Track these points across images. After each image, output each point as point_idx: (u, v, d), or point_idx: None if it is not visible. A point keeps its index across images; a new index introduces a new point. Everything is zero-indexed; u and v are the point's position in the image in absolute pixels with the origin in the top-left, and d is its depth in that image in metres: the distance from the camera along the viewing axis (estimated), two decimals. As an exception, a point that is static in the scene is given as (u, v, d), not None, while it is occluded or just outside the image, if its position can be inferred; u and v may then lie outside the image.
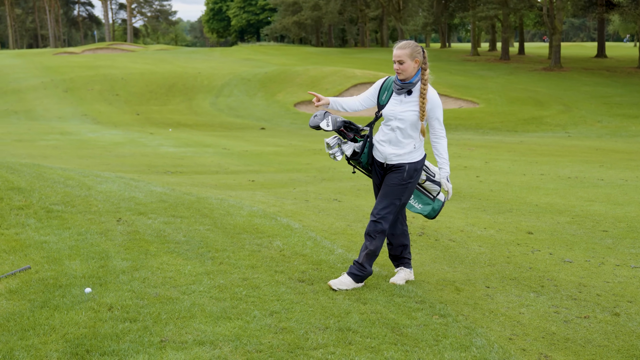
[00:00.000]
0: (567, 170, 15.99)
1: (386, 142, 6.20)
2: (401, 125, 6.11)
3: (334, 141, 6.44)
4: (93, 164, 16.30)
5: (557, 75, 54.66)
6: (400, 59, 6.04)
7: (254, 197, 10.73)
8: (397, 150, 6.14)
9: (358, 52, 76.82)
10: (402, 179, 6.13)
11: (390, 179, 6.17)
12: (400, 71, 6.06)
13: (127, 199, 9.16)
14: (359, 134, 6.52)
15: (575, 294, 6.21)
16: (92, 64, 55.33)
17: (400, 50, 6.06)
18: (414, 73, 6.08)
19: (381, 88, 6.33)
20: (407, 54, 6.04)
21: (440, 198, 6.55)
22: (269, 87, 45.34)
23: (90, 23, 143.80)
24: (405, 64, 6.03)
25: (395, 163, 6.17)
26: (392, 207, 6.15)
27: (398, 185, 6.13)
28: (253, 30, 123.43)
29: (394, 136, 6.14)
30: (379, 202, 6.20)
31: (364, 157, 6.40)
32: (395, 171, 6.15)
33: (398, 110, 6.12)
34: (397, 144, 6.14)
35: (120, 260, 6.50)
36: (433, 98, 6.10)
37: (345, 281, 6.09)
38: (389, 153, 6.18)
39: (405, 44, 6.10)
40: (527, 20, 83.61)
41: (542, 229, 9.10)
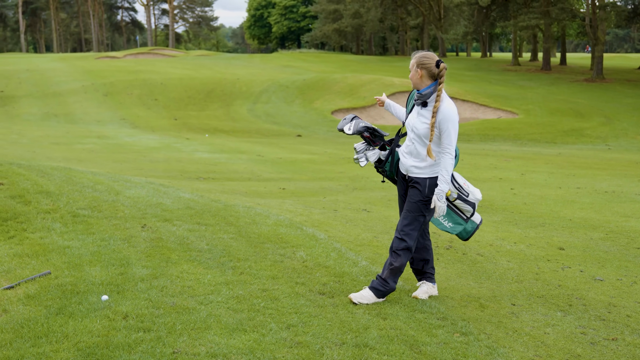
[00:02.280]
0: (605, 184, 15.67)
1: (408, 153, 6.11)
2: (416, 138, 6.00)
3: (361, 147, 6.40)
4: (126, 168, 16.35)
5: (599, 87, 53.94)
6: (410, 68, 6.00)
7: (283, 205, 10.64)
8: (417, 163, 6.03)
9: (398, 61, 76.56)
10: (424, 195, 5.98)
11: (411, 194, 6.05)
12: (410, 80, 6.00)
13: (154, 205, 9.12)
14: (386, 142, 6.44)
15: (604, 315, 6.02)
16: (133, 69, 55.75)
17: (412, 59, 6.03)
18: (421, 83, 5.95)
19: (409, 97, 6.30)
20: (413, 63, 5.98)
21: (476, 220, 6.35)
22: (306, 94, 45.31)
23: (133, 28, 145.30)
24: (411, 73, 6.00)
25: (415, 176, 6.04)
26: (415, 224, 6.02)
27: (420, 201, 5.99)
28: (294, 37, 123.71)
29: (413, 148, 6.05)
30: (403, 218, 6.08)
31: (387, 166, 6.33)
32: (416, 186, 6.02)
33: (414, 122, 6.04)
34: (417, 156, 6.02)
35: (140, 267, 6.45)
36: (445, 111, 5.85)
37: (366, 295, 5.97)
38: (409, 165, 6.07)
39: (414, 53, 6.04)
40: (569, 30, 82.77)
41: (574, 244, 8.88)
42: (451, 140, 5.87)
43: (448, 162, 5.87)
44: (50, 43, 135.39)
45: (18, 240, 7.29)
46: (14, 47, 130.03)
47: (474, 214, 6.31)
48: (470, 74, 59.28)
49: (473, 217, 6.34)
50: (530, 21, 63.01)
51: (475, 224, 6.36)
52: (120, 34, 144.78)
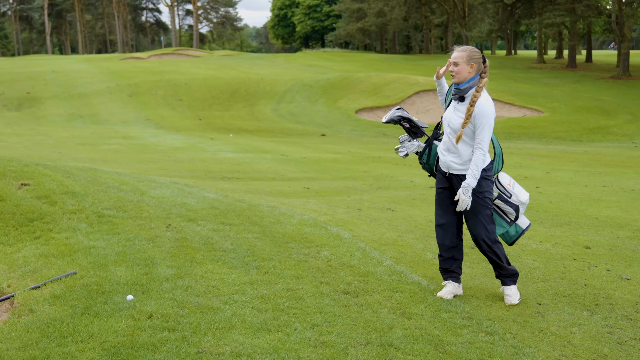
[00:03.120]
0: (632, 182, 15.53)
1: (445, 150, 6.11)
2: (452, 133, 6.00)
3: (404, 138, 6.45)
4: (151, 168, 16.43)
5: (625, 84, 53.45)
6: (455, 61, 5.95)
7: (307, 205, 10.64)
8: (456, 159, 6.02)
9: (422, 59, 76.33)
10: (475, 191, 6.00)
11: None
12: (454, 74, 5.95)
13: (179, 205, 9.15)
14: (422, 134, 6.48)
15: (631, 314, 5.95)
16: (157, 69, 56.02)
17: (458, 52, 5.97)
18: (467, 78, 5.93)
19: (448, 90, 6.31)
20: (464, 57, 5.93)
21: (522, 225, 6.32)
22: (330, 93, 45.30)
23: (157, 29, 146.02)
24: (459, 67, 5.92)
25: (458, 173, 6.04)
26: (486, 218, 6.09)
27: (475, 199, 6.02)
28: (318, 36, 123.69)
29: (451, 144, 6.03)
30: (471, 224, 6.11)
31: (425, 158, 6.38)
32: (459, 183, 6.04)
33: (450, 117, 6.04)
34: (456, 152, 6.02)
35: (165, 267, 6.47)
36: (482, 105, 5.86)
37: (513, 292, 6.19)
38: (449, 161, 6.07)
39: (465, 47, 6.01)
40: (595, 27, 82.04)
41: (601, 243, 8.80)
42: (484, 136, 5.86)
43: (479, 158, 5.87)
44: (75, 44, 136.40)
45: (44, 240, 7.35)
46: (40, 49, 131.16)
47: (518, 217, 6.25)
48: (494, 72, 58.91)
49: (518, 221, 6.30)
50: (555, 18, 62.51)
51: (521, 228, 6.32)
52: (144, 35, 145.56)
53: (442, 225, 6.20)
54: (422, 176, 16.22)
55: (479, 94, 5.88)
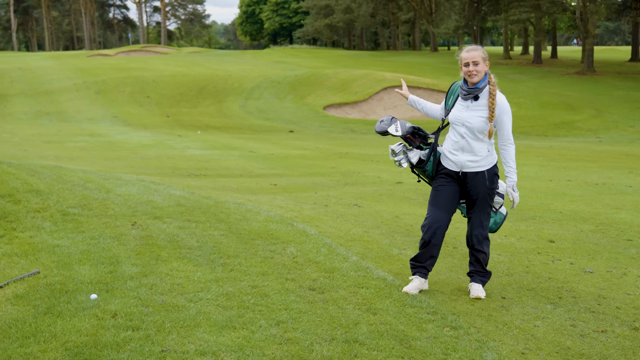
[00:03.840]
0: (596, 176, 15.71)
1: (458, 150, 6.11)
2: (469, 133, 6.04)
3: (400, 148, 6.36)
4: (118, 166, 16.32)
5: (589, 80, 54.03)
6: (475, 60, 5.98)
7: (274, 201, 10.63)
8: (473, 157, 6.08)
9: (390, 55, 76.54)
10: (487, 187, 6.12)
11: (475, 190, 6.14)
12: (476, 73, 5.98)
13: (145, 203, 9.10)
14: (425, 141, 6.44)
15: (593, 307, 6.02)
16: (125, 66, 55.63)
17: (475, 52, 6.02)
18: (483, 76, 6.01)
19: (448, 92, 6.30)
20: (481, 56, 6.01)
21: (503, 211, 6.46)
22: (298, 90, 45.28)
23: (125, 26, 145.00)
24: (480, 65, 5.98)
25: (473, 171, 6.09)
26: (486, 215, 6.24)
27: (486, 195, 6.15)
28: (286, 33, 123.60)
29: (465, 143, 6.07)
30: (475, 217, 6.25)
31: (429, 166, 6.32)
32: (476, 180, 6.10)
33: (465, 117, 6.05)
34: (471, 151, 6.07)
35: (130, 265, 6.43)
36: (502, 103, 6.04)
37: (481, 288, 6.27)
38: (465, 161, 6.09)
39: (477, 46, 6.08)
40: (560, 23, 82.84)
41: (565, 237, 8.89)
42: (510, 130, 6.09)
43: (513, 152, 6.14)
44: (42, 41, 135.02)
45: (7, 239, 7.27)
46: (6, 46, 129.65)
47: (502, 206, 6.42)
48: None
49: (500, 209, 6.44)
50: (521, 15, 63.04)
51: (503, 215, 6.48)
52: (112, 32, 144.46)
53: (436, 223, 6.16)
54: (390, 172, 16.27)
55: (495, 88, 6.01)
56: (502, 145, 6.15)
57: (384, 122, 6.35)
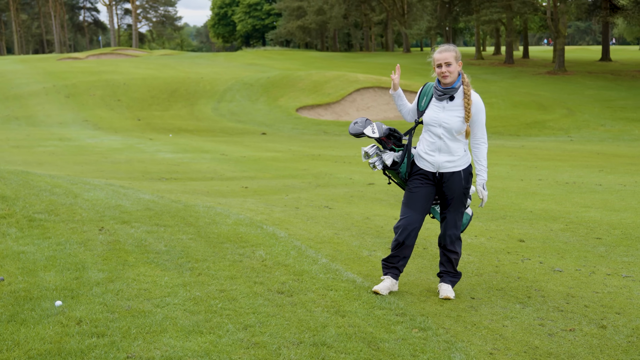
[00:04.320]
0: (566, 175, 15.80)
1: (435, 151, 6.10)
2: (447, 133, 6.03)
3: (373, 150, 6.31)
4: (87, 170, 16.18)
5: (561, 79, 54.43)
6: (448, 61, 5.97)
7: (244, 204, 10.57)
8: (450, 158, 6.08)
9: (362, 57, 76.65)
10: (462, 186, 6.14)
11: (450, 190, 6.14)
12: (448, 74, 5.97)
13: (113, 207, 9.01)
14: (399, 142, 6.40)
15: (562, 305, 6.03)
16: (95, 70, 55.25)
17: (447, 52, 6.01)
18: (457, 77, 6.01)
19: (420, 93, 6.25)
20: (454, 56, 6.00)
21: (469, 212, 6.48)
22: (271, 92, 45.20)
23: (95, 28, 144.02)
24: (452, 66, 5.98)
25: (450, 171, 6.09)
26: (460, 215, 6.25)
27: (461, 195, 6.16)
28: (258, 35, 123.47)
29: (442, 144, 6.06)
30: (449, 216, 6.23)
31: (403, 167, 6.28)
32: (452, 180, 6.10)
33: (442, 118, 6.04)
34: (448, 151, 6.07)
35: (96, 271, 6.35)
36: (478, 102, 6.07)
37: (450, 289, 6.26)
38: (442, 161, 6.09)
39: (450, 47, 6.06)
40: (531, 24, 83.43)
41: (535, 236, 8.92)
42: (484, 130, 6.13)
43: (485, 151, 6.18)
44: (11, 45, 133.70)
45: (-29, 246, 7.15)
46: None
47: (468, 206, 6.44)
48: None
49: (467, 209, 6.45)
50: (492, 15, 63.40)
51: (469, 215, 6.49)
52: (82, 35, 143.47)
53: (410, 224, 6.13)
54: (361, 173, 16.25)
55: (469, 88, 6.03)
56: (475, 144, 6.17)
57: (359, 123, 6.30)
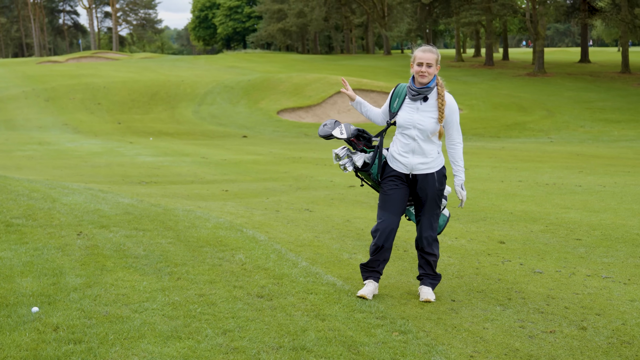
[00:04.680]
0: (546, 176, 15.85)
1: (409, 152, 6.06)
2: (421, 135, 6.00)
3: (344, 152, 6.26)
4: (66, 174, 16.06)
5: (540, 81, 54.70)
6: (429, 62, 5.97)
7: (224, 208, 10.52)
8: (423, 159, 6.05)
9: (343, 59, 76.70)
10: (437, 188, 6.11)
11: (424, 192, 6.10)
12: (427, 74, 5.96)
13: (91, 212, 8.94)
14: (369, 144, 6.36)
15: (542, 307, 6.03)
16: (75, 73, 54.97)
17: (430, 53, 6.01)
18: (432, 78, 6.01)
19: (392, 95, 6.21)
20: (435, 58, 6.02)
21: (446, 213, 6.46)
22: (252, 94, 45.12)
23: (75, 32, 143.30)
24: (432, 68, 5.98)
25: (424, 173, 6.06)
26: (436, 217, 6.21)
27: (435, 196, 6.13)
28: (239, 38, 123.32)
29: (416, 145, 6.02)
30: (425, 219, 6.19)
31: (374, 169, 6.22)
32: (426, 182, 6.08)
33: (416, 119, 6.01)
34: (422, 153, 6.04)
35: (74, 276, 6.28)
36: (451, 103, 6.09)
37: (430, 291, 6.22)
38: (416, 163, 6.05)
39: (433, 48, 6.07)
40: (510, 26, 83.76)
41: (515, 238, 8.93)
42: (459, 130, 6.15)
43: (461, 151, 6.19)
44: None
45: (-53, 252, 7.06)
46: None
47: (445, 207, 6.42)
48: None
49: (443, 210, 6.43)
50: (472, 17, 63.63)
51: (446, 217, 6.47)
52: (62, 38, 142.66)
53: (388, 227, 6.10)
54: (342, 176, 16.23)
55: (443, 89, 6.06)
56: (451, 145, 6.16)
57: (328, 125, 6.26)
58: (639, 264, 7.60)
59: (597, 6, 65.13)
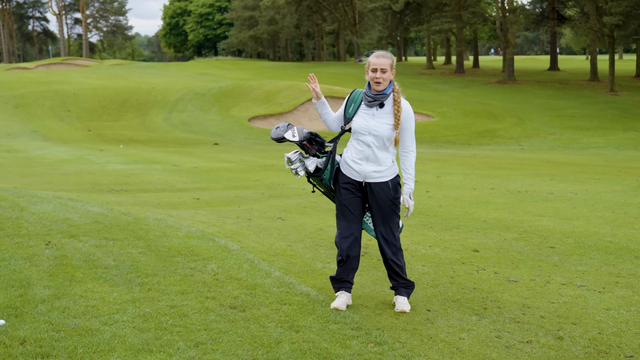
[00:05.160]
0: (518, 183, 15.88)
1: (363, 159, 5.95)
2: (376, 142, 5.90)
3: (296, 156, 6.13)
4: (35, 182, 15.83)
5: (510, 88, 55.06)
6: (383, 68, 5.85)
7: (196, 216, 10.40)
8: (377, 167, 5.94)
9: (314, 67, 76.71)
10: (392, 197, 5.99)
11: (379, 202, 5.99)
12: (382, 80, 5.86)
13: (60, 221, 8.78)
14: (322, 149, 6.22)
15: (518, 317, 5.98)
16: (44, 80, 54.39)
17: (384, 58, 5.89)
18: (388, 84, 5.91)
19: (348, 100, 6.08)
20: (390, 63, 5.89)
21: (399, 224, 6.34)
22: (223, 102, 44.93)
23: (45, 38, 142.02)
24: (387, 74, 5.86)
25: (377, 181, 5.96)
26: (396, 226, 6.08)
27: (391, 205, 6.01)
28: (210, 45, 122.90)
29: (370, 153, 5.92)
30: (384, 229, 6.06)
31: (326, 174, 6.10)
32: (380, 191, 5.97)
33: (372, 125, 5.90)
34: (376, 161, 5.94)
35: (42, 288, 6.13)
36: (407, 110, 5.96)
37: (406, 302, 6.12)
38: (369, 171, 5.95)
39: (387, 53, 5.95)
40: (481, 34, 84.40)
41: (489, 246, 8.89)
42: (413, 137, 6.00)
43: (413, 159, 6.03)
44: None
45: None
46: None
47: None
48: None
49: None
50: (442, 25, 63.95)
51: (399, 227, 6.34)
52: (32, 45, 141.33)
53: (350, 236, 6.04)
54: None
55: (399, 95, 5.93)
56: (404, 152, 6.04)
57: (280, 128, 6.15)
58: (613, 272, 7.58)
59: (566, 15, 65.83)
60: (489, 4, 76.65)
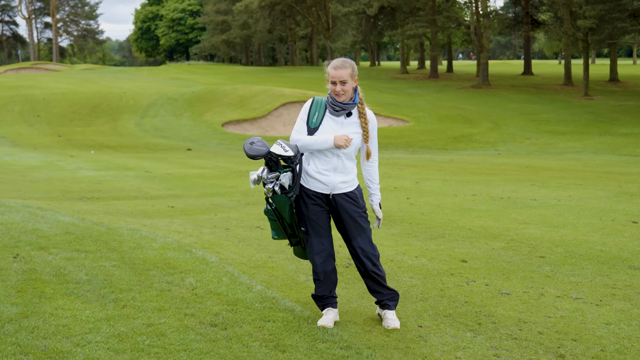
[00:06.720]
0: (499, 189, 15.62)
1: (330, 170, 5.63)
2: (346, 151, 5.60)
3: (265, 173, 5.63)
4: (3, 190, 15.33)
5: (485, 93, 55.05)
6: (343, 79, 5.53)
7: (171, 226, 10.01)
8: (345, 178, 5.67)
9: (288, 71, 76.39)
10: (362, 205, 5.75)
11: (350, 212, 5.69)
12: (343, 92, 5.55)
13: (29, 232, 8.38)
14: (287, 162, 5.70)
15: (515, 333, 5.67)
16: (13, 84, 53.48)
17: (342, 70, 5.56)
18: (353, 93, 5.62)
19: (310, 109, 5.72)
20: (349, 74, 5.57)
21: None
22: (196, 106, 44.43)
23: (14, 42, 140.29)
24: (347, 85, 5.56)
25: (345, 192, 5.68)
26: (370, 233, 5.79)
27: (360, 215, 5.73)
28: (182, 49, 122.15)
29: (339, 163, 5.62)
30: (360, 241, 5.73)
31: (295, 191, 5.66)
32: (347, 201, 5.68)
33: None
34: (344, 171, 5.66)
35: (9, 305, 5.73)
36: (373, 119, 5.74)
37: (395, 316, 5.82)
38: (337, 182, 5.65)
39: (344, 62, 5.60)
40: (455, 38, 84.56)
41: (477, 256, 8.58)
42: (377, 146, 5.80)
43: (377, 169, 5.82)
44: None
45: None
46: None
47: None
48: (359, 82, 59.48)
49: None
50: (417, 30, 63.90)
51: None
52: (1, 49, 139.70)
53: (323, 251, 5.73)
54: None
55: (364, 106, 5.68)
56: (369, 162, 5.80)
57: (256, 143, 5.58)
58: (608, 283, 7.31)
59: (539, 19, 66.03)
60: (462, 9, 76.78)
